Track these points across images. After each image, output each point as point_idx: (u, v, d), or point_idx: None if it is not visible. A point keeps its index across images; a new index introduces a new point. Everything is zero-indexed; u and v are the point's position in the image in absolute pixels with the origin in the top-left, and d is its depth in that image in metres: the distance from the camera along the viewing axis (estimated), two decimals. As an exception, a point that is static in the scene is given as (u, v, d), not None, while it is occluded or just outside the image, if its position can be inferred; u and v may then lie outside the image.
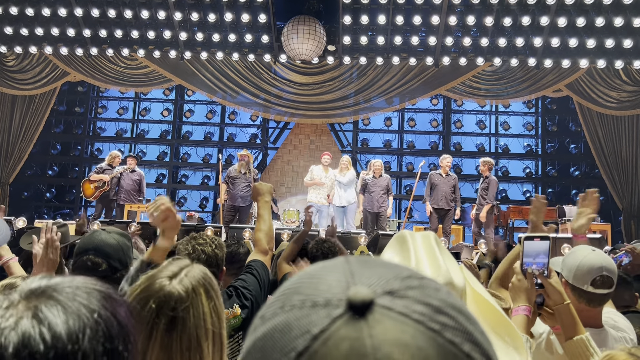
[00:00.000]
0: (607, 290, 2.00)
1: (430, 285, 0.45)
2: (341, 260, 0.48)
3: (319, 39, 10.13)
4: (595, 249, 2.08)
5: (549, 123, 12.20)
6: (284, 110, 11.78)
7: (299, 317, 0.42)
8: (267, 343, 0.42)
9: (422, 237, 1.08)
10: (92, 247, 1.96)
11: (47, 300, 0.61)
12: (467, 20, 10.12)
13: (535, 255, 1.77)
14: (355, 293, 0.42)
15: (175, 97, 12.68)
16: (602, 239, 7.85)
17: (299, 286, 0.45)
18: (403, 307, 0.42)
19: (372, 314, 0.41)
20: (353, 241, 7.53)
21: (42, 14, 10.51)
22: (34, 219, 9.58)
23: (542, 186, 12.17)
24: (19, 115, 11.66)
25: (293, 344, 0.40)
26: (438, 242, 1.09)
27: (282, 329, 0.42)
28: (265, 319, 0.44)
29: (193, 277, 1.23)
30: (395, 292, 0.43)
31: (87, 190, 9.28)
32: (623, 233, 10.75)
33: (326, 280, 0.44)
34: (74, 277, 0.67)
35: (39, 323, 0.58)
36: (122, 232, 2.09)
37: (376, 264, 0.47)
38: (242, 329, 2.07)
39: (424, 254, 1.05)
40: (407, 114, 12.45)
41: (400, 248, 1.09)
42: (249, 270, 2.24)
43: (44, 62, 11.52)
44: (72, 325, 0.59)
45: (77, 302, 0.62)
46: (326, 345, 0.40)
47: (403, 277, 0.45)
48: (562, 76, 10.96)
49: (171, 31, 10.74)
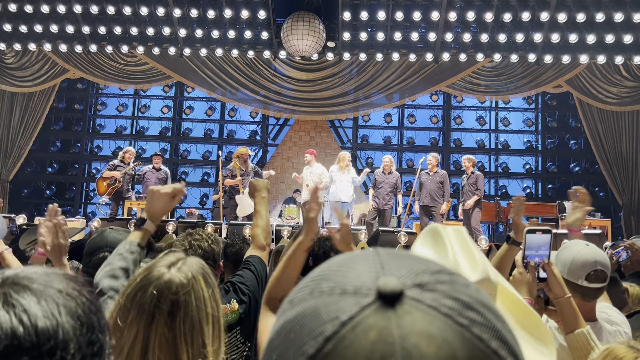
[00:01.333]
0: (601, 284, 2.02)
1: (460, 281, 0.45)
2: (371, 251, 0.48)
3: (318, 35, 10.11)
4: (588, 244, 2.10)
5: (549, 119, 12.18)
6: (283, 106, 11.77)
7: (328, 303, 0.42)
8: (296, 326, 0.43)
9: (454, 232, 1.09)
10: (106, 245, 1.99)
11: (19, 288, 0.61)
12: (467, 16, 10.10)
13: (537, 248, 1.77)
14: (385, 283, 0.42)
15: (175, 94, 12.67)
16: (602, 235, 7.84)
17: (328, 273, 0.45)
18: (432, 300, 0.42)
19: (401, 305, 0.41)
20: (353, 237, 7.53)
21: (41, 11, 10.50)
22: (34, 217, 9.58)
23: (542, 182, 12.17)
24: (19, 113, 11.66)
25: (321, 329, 0.41)
26: (469, 237, 1.10)
27: (310, 314, 0.42)
28: (294, 303, 0.45)
29: (191, 266, 1.26)
30: (425, 285, 0.43)
31: (100, 188, 9.27)
32: (623, 229, 10.76)
33: (355, 269, 0.45)
34: (48, 268, 0.67)
35: (11, 308, 0.58)
36: (125, 229, 2.12)
37: (406, 257, 0.47)
38: (240, 324, 2.08)
39: (459, 248, 1.06)
40: (407, 110, 12.43)
41: (434, 242, 1.09)
42: (246, 265, 2.25)
43: (43, 59, 11.51)
44: (45, 306, 0.59)
45: (43, 285, 0.62)
46: (354, 332, 0.40)
47: (433, 271, 0.45)
48: (562, 72, 10.94)
49: (170, 28, 10.73)
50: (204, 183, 12.35)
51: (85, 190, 12.68)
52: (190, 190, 12.27)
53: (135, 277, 1.24)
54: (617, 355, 1.41)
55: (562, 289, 1.75)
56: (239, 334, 2.08)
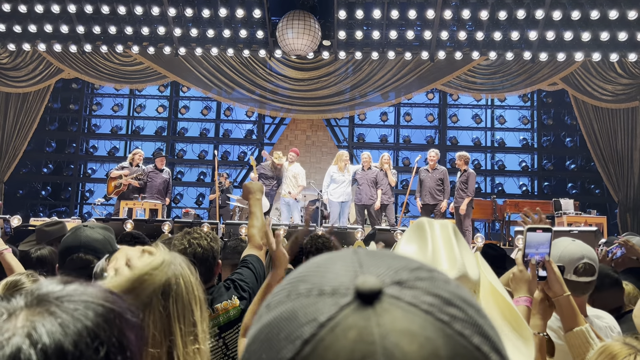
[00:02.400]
0: (589, 278, 2.05)
1: (439, 278, 0.44)
2: (349, 251, 0.47)
3: (314, 34, 10.11)
4: (575, 240, 2.12)
5: (544, 116, 12.22)
6: (279, 105, 11.77)
7: (306, 305, 0.41)
8: (273, 330, 0.42)
9: (440, 226, 1.08)
10: (80, 245, 1.90)
11: (48, 317, 0.57)
12: (462, 14, 10.11)
13: (537, 246, 1.78)
14: (363, 282, 0.41)
15: (170, 93, 12.64)
16: (598, 232, 7.88)
17: (306, 275, 0.45)
18: (412, 297, 0.41)
19: (380, 304, 0.40)
20: (349, 236, 7.54)
21: (35, 11, 10.45)
22: (29, 217, 9.55)
23: (538, 179, 12.21)
24: (13, 113, 11.61)
25: (299, 332, 0.40)
26: (456, 232, 1.09)
27: (288, 317, 0.41)
28: (271, 307, 0.44)
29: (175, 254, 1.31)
30: (404, 283, 0.42)
31: (109, 188, 9.24)
32: (619, 226, 10.80)
33: (333, 269, 0.44)
34: (86, 288, 0.62)
35: (30, 345, 0.54)
36: (104, 225, 2.06)
37: (385, 255, 0.46)
38: (241, 319, 2.10)
39: (442, 244, 1.05)
40: (403, 109, 12.45)
41: (417, 236, 1.08)
42: (245, 264, 2.29)
43: (37, 59, 11.46)
44: (67, 351, 0.55)
45: (80, 322, 0.57)
46: (333, 332, 0.39)
47: (412, 268, 0.44)
48: (557, 69, 10.97)
49: (165, 27, 10.69)
50: (200, 183, 12.33)
51: (80, 191, 12.64)
52: (186, 190, 12.25)
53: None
54: (612, 352, 1.41)
55: (561, 287, 1.76)
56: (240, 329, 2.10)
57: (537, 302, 1.79)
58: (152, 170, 9.39)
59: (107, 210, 10.43)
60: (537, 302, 1.79)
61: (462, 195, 8.77)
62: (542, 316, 1.78)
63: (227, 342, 2.07)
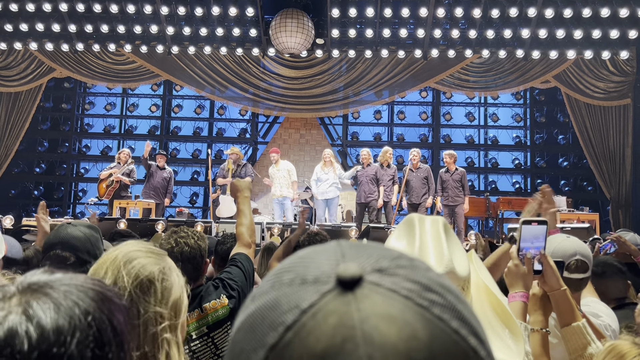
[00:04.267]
0: (582, 274, 2.05)
1: (420, 266, 0.45)
2: (333, 243, 0.49)
3: (307, 32, 10.10)
4: (569, 236, 2.12)
5: (537, 114, 12.26)
6: (273, 104, 11.75)
7: (288, 293, 0.43)
8: (257, 319, 0.43)
9: (430, 222, 1.09)
10: (59, 242, 1.95)
11: (41, 297, 0.59)
12: (455, 13, 10.14)
13: (533, 240, 1.74)
14: (344, 269, 0.42)
15: (164, 92, 12.59)
16: (591, 229, 7.92)
17: (290, 266, 0.46)
18: (392, 283, 0.42)
19: (361, 290, 0.42)
20: (343, 234, 7.55)
21: (27, 10, 10.39)
22: (21, 217, 9.50)
23: (531, 177, 12.25)
24: (5, 113, 11.53)
25: (282, 319, 0.41)
26: (447, 227, 1.09)
27: (271, 306, 0.43)
28: (256, 297, 0.45)
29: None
30: (384, 270, 0.43)
31: (100, 190, 9.22)
32: (611, 223, 10.86)
33: (317, 260, 0.45)
34: (75, 275, 0.65)
35: (27, 320, 0.56)
36: (90, 224, 2.09)
37: (367, 246, 0.48)
38: (230, 319, 2.09)
39: (430, 239, 1.06)
40: (396, 107, 12.46)
41: (407, 232, 1.09)
42: (234, 262, 2.28)
43: (29, 58, 11.39)
44: (61, 326, 0.57)
45: (71, 301, 0.59)
46: (315, 318, 0.40)
47: (393, 257, 0.45)
48: (549, 67, 11.02)
49: (158, 26, 10.66)
50: (193, 182, 12.30)
51: (73, 191, 12.58)
52: (179, 189, 12.22)
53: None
54: (621, 351, 1.39)
55: (557, 281, 1.73)
56: (229, 328, 2.09)
57: (539, 298, 1.77)
58: (154, 167, 9.42)
59: (100, 210, 10.39)
60: (538, 298, 1.77)
61: (458, 194, 8.80)
62: (544, 312, 1.76)
63: (216, 341, 2.06)
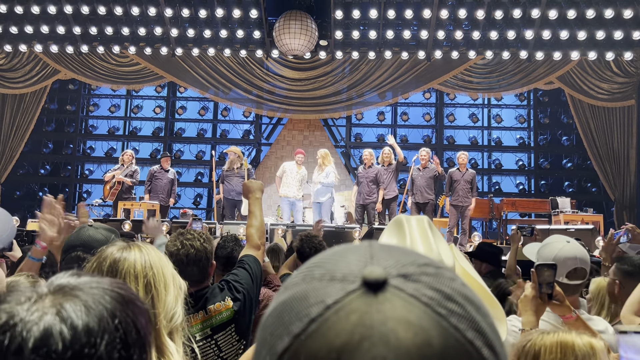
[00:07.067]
0: (580, 280, 2.11)
1: (446, 275, 0.47)
2: (365, 243, 0.51)
3: (310, 34, 10.11)
4: (570, 240, 2.14)
5: (541, 115, 12.24)
6: (276, 106, 11.77)
7: (317, 288, 0.46)
8: (286, 308, 0.46)
9: (416, 221, 1.17)
10: (80, 243, 1.95)
11: (73, 299, 0.62)
12: (458, 14, 10.13)
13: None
14: (370, 272, 0.45)
15: (167, 94, 12.63)
16: (595, 230, 7.91)
17: (322, 262, 0.49)
18: (414, 289, 0.44)
19: (384, 293, 0.44)
20: (347, 236, 7.54)
21: (32, 12, 10.43)
22: (27, 219, 9.53)
23: (535, 178, 12.23)
24: (10, 114, 11.58)
25: (308, 311, 0.44)
26: (431, 225, 1.18)
27: (300, 297, 0.46)
28: (288, 287, 0.48)
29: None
30: (409, 276, 0.46)
31: (105, 192, 9.28)
32: (616, 224, 10.81)
33: (347, 258, 0.48)
34: (101, 278, 0.68)
35: (61, 321, 0.59)
36: (109, 227, 2.09)
37: (397, 250, 0.50)
38: (235, 321, 2.09)
39: (418, 235, 1.15)
40: (400, 108, 12.47)
41: (397, 231, 1.17)
42: (241, 264, 2.27)
43: (34, 60, 11.44)
44: (92, 328, 0.60)
45: (101, 305, 0.63)
46: (337, 315, 0.43)
47: (420, 264, 0.47)
48: (553, 68, 11.00)
49: (162, 28, 10.69)
50: (197, 183, 12.32)
51: (78, 192, 12.62)
52: (184, 191, 12.24)
53: (93, 262, 1.38)
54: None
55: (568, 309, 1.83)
56: (233, 331, 2.09)
57: (530, 299, 1.81)
58: (158, 170, 9.42)
59: (104, 211, 10.42)
60: (529, 299, 1.81)
61: (467, 195, 8.80)
62: (535, 312, 1.81)
63: (220, 344, 2.06)
